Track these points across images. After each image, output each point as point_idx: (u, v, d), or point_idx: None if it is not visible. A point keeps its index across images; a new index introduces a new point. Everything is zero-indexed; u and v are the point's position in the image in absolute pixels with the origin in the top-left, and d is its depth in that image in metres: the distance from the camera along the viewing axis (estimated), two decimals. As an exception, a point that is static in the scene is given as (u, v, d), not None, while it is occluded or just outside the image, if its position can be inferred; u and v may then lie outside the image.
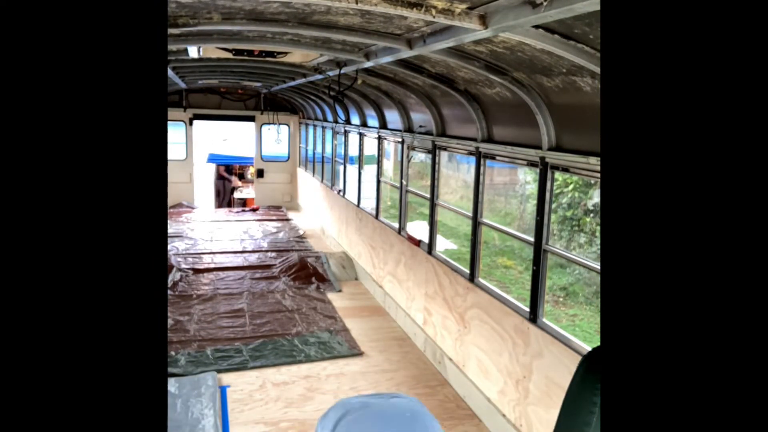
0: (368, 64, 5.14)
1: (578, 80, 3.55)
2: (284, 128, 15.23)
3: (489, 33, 2.94)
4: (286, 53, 5.58)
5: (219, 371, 6.05)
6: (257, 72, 8.11)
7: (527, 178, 14.53)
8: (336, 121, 8.66)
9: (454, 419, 5.30)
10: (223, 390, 5.69)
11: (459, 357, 5.70)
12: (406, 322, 7.21)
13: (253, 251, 11.03)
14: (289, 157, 15.61)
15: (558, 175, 4.48)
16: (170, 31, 3.77)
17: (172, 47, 4.70)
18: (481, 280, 5.43)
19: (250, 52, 5.48)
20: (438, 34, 3.44)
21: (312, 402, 5.47)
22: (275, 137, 15.08)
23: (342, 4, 2.70)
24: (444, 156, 6.54)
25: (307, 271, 9.38)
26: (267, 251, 11.05)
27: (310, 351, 6.57)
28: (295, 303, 8.19)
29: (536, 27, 2.84)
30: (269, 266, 9.89)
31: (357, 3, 2.69)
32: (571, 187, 14.99)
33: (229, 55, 5.54)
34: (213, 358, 6.36)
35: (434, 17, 2.80)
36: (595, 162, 3.77)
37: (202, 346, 6.63)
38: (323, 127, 12.39)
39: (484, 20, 2.84)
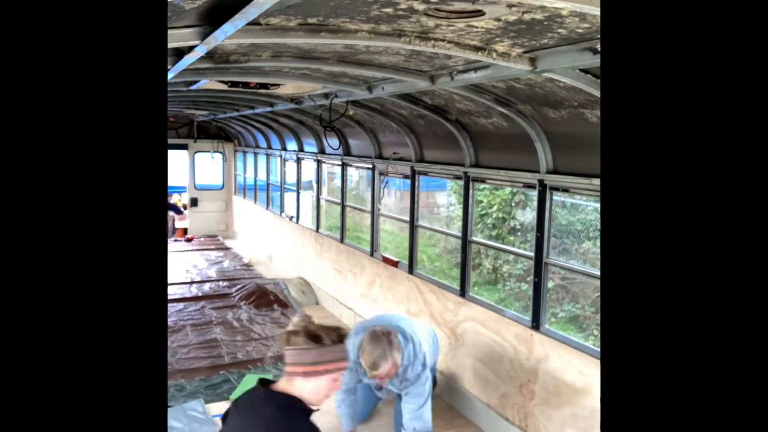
0: (364, 96, 5.44)
1: (586, 112, 4.05)
2: (218, 156, 15.11)
3: (533, 74, 3.37)
4: (279, 85, 5.77)
5: (207, 401, 6.02)
6: (231, 103, 8.17)
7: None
8: (323, 152, 8.87)
9: (455, 428, 5.63)
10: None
11: (451, 369, 6.05)
12: (383, 341, 7.46)
13: (204, 281, 10.87)
14: (224, 185, 15.46)
15: (483, 197, 5.02)
16: (210, 65, 3.92)
17: (189, 78, 4.79)
18: (474, 295, 5.83)
19: (245, 84, 5.63)
20: (472, 71, 3.82)
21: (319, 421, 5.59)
22: (210, 165, 14.96)
23: (419, 47, 3.03)
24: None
25: (267, 297, 9.43)
26: (218, 280, 10.93)
27: (297, 374, 6.68)
28: (264, 329, 8.23)
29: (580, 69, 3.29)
30: (226, 295, 9.82)
31: (433, 47, 3.03)
32: (495, 207, 15.94)
33: (224, 87, 5.67)
34: (202, 388, 6.33)
35: (494, 60, 3.18)
36: (587, 182, 4.29)
37: (186, 377, 6.56)
38: (267, 155, 12.46)
39: (533, 62, 3.26)
